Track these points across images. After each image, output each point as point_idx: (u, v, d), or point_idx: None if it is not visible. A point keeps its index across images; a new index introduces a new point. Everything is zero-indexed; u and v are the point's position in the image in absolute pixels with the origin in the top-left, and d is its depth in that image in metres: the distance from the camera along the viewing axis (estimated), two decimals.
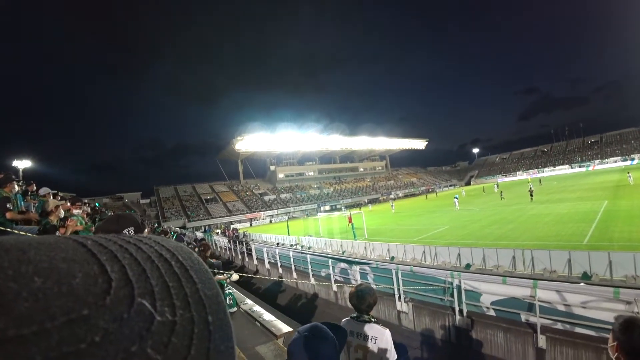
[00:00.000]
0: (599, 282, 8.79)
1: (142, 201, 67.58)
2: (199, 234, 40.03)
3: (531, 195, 30.65)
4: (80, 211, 6.62)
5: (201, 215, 59.60)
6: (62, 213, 4.97)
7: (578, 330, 5.02)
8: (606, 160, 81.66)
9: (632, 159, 76.58)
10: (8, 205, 4.62)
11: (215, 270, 5.97)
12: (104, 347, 0.18)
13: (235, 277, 5.95)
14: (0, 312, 0.17)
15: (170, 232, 28.13)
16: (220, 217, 59.59)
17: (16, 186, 5.48)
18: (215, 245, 25.96)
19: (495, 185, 57.44)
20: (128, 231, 1.93)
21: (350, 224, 24.25)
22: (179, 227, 46.14)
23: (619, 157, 79.94)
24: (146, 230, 2.23)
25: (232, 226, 46.88)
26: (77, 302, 0.19)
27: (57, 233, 4.57)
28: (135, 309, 0.21)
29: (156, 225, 41.92)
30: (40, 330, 0.17)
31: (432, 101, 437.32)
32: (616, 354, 1.54)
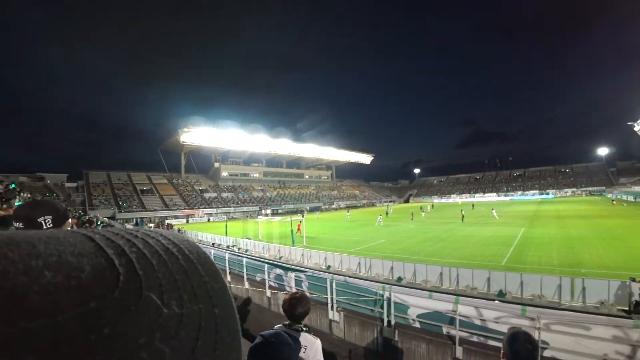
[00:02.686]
0: (511, 299, 9.68)
1: (68, 184, 60.88)
2: (130, 227, 37.09)
3: (462, 217, 33.57)
4: None
5: (134, 207, 55.49)
6: None
7: (490, 342, 5.44)
8: (527, 192, 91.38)
9: (547, 194, 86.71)
10: None
11: None
12: (113, 339, 0.19)
13: None
14: (13, 305, 0.17)
15: (97, 223, 25.77)
16: (155, 210, 56.00)
17: None
18: None
19: (429, 207, 61.55)
20: (45, 220, 1.68)
21: (298, 231, 24.39)
22: (107, 217, 42.53)
23: (537, 191, 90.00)
24: (69, 220, 1.96)
25: (167, 221, 44.34)
26: (86, 295, 0.20)
27: None
28: (143, 302, 0.22)
29: (81, 212, 38.29)
30: (51, 323, 0.18)
31: (382, 118, 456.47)
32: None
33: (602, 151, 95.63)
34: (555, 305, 9.17)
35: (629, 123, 73.00)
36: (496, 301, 6.70)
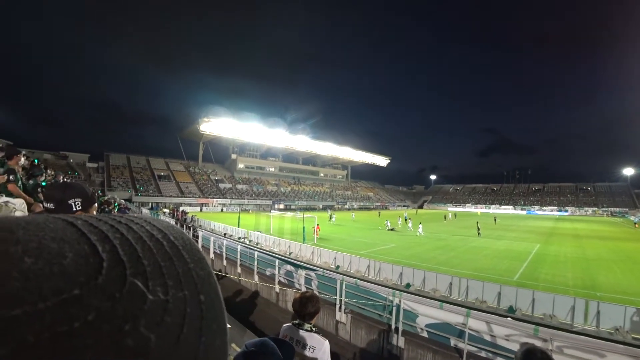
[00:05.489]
0: (522, 316, 9.49)
1: (89, 165, 62.74)
2: (145, 211, 37.88)
3: (478, 231, 31.04)
4: (18, 167, 6.01)
5: (150, 191, 56.77)
6: None
7: None
8: (544, 207, 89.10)
9: (566, 210, 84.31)
10: None
11: None
12: (98, 326, 0.19)
13: None
14: None
15: (114, 204, 26.33)
16: (170, 196, 57.20)
17: None
18: None
19: (450, 215, 60.36)
20: (74, 202, 1.77)
21: (317, 232, 24.48)
22: (125, 200, 43.61)
23: (556, 207, 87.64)
24: (95, 205, 2.05)
25: (181, 208, 45.06)
26: (68, 281, 0.19)
27: None
28: (128, 289, 0.22)
29: (100, 193, 39.38)
30: (32, 311, 0.17)
31: (402, 121, 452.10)
32: None
33: (628, 171, 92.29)
34: (567, 327, 8.97)
35: None
36: (508, 318, 6.60)
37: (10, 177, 4.38)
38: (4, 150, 6.07)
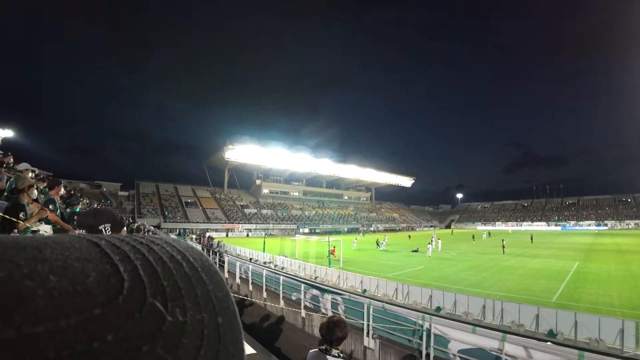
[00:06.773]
0: (564, 341, 8.87)
1: (121, 193, 65.87)
2: (174, 237, 38.58)
3: (503, 248, 30.44)
4: (58, 196, 6.41)
5: (178, 218, 58.40)
6: (35, 194, 4.75)
7: None
8: (581, 222, 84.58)
9: (605, 224, 79.63)
10: None
11: None
12: (116, 345, 0.19)
13: None
14: (17, 309, 0.17)
15: (144, 231, 27.17)
16: (197, 222, 58.57)
17: None
18: None
19: (485, 234, 58.01)
20: (104, 228, 1.88)
21: (332, 255, 24.19)
22: (154, 226, 44.94)
23: (593, 222, 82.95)
24: (124, 229, 2.16)
25: (207, 234, 45.87)
26: (90, 301, 0.20)
27: (21, 215, 4.38)
28: (147, 309, 0.22)
29: (130, 220, 40.84)
30: (54, 328, 0.17)
31: (425, 141, 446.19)
32: None
33: None
34: (616, 352, 8.29)
35: None
36: (549, 343, 6.20)
37: (50, 206, 4.69)
38: (47, 181, 6.55)
